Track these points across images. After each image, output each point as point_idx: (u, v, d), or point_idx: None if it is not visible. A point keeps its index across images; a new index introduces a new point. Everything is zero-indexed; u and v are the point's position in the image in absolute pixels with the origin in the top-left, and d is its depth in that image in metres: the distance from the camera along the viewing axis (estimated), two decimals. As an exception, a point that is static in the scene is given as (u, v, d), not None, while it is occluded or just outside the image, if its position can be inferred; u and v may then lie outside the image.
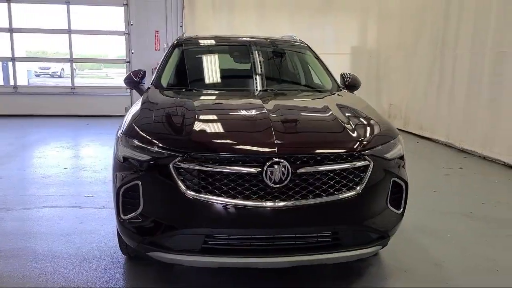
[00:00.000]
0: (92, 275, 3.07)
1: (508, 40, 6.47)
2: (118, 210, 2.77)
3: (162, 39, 11.23)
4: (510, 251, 3.64)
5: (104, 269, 3.17)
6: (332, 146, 2.65)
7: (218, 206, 2.51)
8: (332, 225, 2.65)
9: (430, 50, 8.60)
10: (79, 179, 5.59)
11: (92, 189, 5.15)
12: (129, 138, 2.75)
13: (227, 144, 2.59)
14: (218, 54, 4.26)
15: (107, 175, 5.78)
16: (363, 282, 3.05)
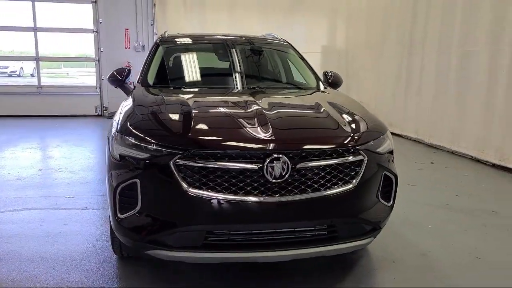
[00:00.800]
0: (87, 275, 3.03)
1: (473, 40, 6.77)
2: (115, 209, 2.73)
3: (132, 37, 11.08)
4: (487, 239, 3.84)
5: (97, 269, 3.13)
6: (329, 141, 2.72)
7: (219, 202, 2.53)
8: (329, 218, 2.72)
9: (398, 49, 8.87)
10: (56, 180, 5.45)
11: (71, 190, 5.04)
12: (126, 136, 2.73)
13: (228, 140, 2.62)
14: (204, 52, 4.27)
15: (85, 175, 5.68)
16: (355, 273, 3.14)
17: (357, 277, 3.08)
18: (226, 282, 3.01)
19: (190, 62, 4.18)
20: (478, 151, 6.71)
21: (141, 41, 11.11)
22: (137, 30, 11.07)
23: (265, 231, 2.65)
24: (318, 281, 3.01)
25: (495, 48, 6.32)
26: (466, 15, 6.92)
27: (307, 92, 3.92)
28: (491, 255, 3.51)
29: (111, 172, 2.83)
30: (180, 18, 10.29)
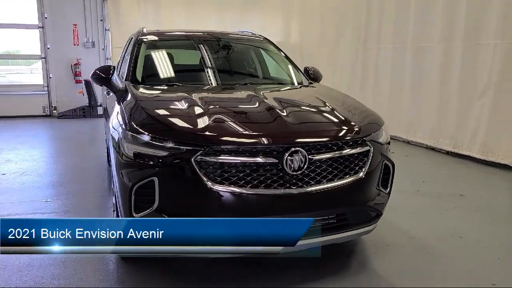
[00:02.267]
0: (96, 277, 2.97)
1: (427, 36, 7.22)
2: (130, 209, 2.71)
3: (81, 33, 10.63)
4: (463, 220, 4.16)
5: (105, 271, 3.07)
6: (341, 134, 2.86)
7: (241, 196, 2.60)
8: (342, 207, 2.87)
9: (353, 44, 9.21)
10: (25, 184, 5.18)
11: (44, 193, 4.82)
12: (141, 134, 2.70)
13: (248, 136, 2.67)
14: (191, 49, 4.25)
15: (54, 178, 5.46)
16: (358, 257, 3.32)
17: (360, 261, 3.25)
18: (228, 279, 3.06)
19: (180, 59, 4.15)
20: (433, 140, 7.19)
21: (91, 37, 10.71)
22: (86, 26, 10.64)
23: (283, 222, 2.74)
24: (328, 267, 3.14)
25: (448, 44, 6.78)
26: (419, 11, 7.34)
27: (299, 87, 4.04)
28: (470, 234, 3.82)
29: (122, 171, 2.79)
30: (133, 13, 10.01)
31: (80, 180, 5.45)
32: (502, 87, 5.97)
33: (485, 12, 6.14)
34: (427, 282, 2.97)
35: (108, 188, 5.15)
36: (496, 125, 6.11)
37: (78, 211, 4.32)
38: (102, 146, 7.56)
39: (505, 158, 5.99)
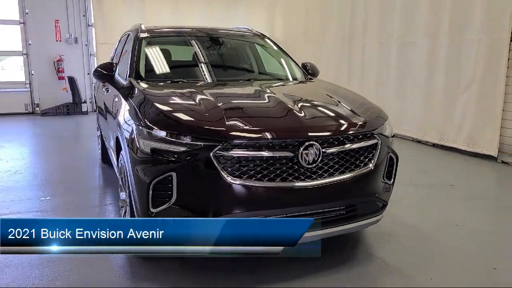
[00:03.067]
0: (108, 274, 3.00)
1: (413, 31, 7.40)
2: (147, 204, 2.75)
3: (63, 29, 10.47)
4: (457, 209, 4.33)
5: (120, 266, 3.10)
6: (352, 127, 2.95)
7: (258, 190, 2.67)
8: (352, 198, 2.97)
9: (338, 40, 9.34)
10: (20, 182, 5.12)
11: (42, 191, 4.79)
12: (158, 130, 2.73)
13: (265, 130, 2.73)
14: (191, 45, 4.25)
15: (48, 176, 5.43)
16: (363, 246, 3.43)
17: (366, 251, 3.36)
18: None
19: (181, 54, 4.16)
20: (420, 133, 7.40)
21: (74, 33, 10.56)
22: (68, 21, 10.50)
23: (298, 214, 2.82)
24: (335, 257, 3.24)
25: (433, 39, 6.97)
26: (404, 7, 7.52)
27: (302, 82, 4.12)
28: (466, 222, 3.99)
29: (138, 167, 2.82)
30: (118, 9, 9.90)
31: (75, 178, 5.42)
32: (486, 81, 6.19)
33: (470, 8, 6.34)
34: (432, 268, 3.09)
35: (103, 186, 5.15)
36: (480, 118, 6.34)
37: (79, 208, 4.31)
38: (91, 143, 7.52)
39: (489, 149, 6.22)
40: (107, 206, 4.46)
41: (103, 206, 4.48)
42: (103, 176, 5.48)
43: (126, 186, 3.19)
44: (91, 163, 6.08)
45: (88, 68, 10.82)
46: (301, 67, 4.54)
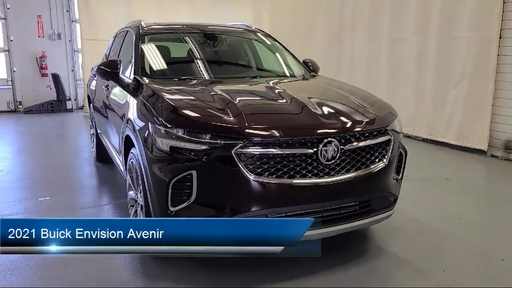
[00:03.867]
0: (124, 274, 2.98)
1: (402, 28, 7.51)
2: (166, 203, 2.74)
3: (46, 24, 10.23)
4: (457, 203, 4.44)
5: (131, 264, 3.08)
6: (368, 124, 2.99)
7: (279, 186, 2.69)
8: (368, 194, 3.02)
9: (327, 36, 9.39)
10: (15, 183, 5.02)
11: (40, 191, 4.71)
12: (177, 129, 2.72)
13: (285, 128, 2.75)
14: (195, 42, 4.21)
15: (43, 176, 5.31)
16: (374, 241, 3.49)
17: (377, 245, 3.42)
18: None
19: (185, 51, 4.12)
20: (410, 128, 7.52)
21: (57, 29, 10.32)
22: (51, 17, 10.25)
23: (317, 210, 2.85)
24: (349, 252, 3.29)
25: (423, 36, 7.10)
26: (394, 4, 7.62)
27: (307, 78, 4.14)
28: (467, 215, 4.10)
29: (155, 166, 2.80)
30: (104, 5, 9.71)
31: (70, 177, 5.35)
32: (476, 77, 6.34)
33: (459, 6, 6.47)
34: (443, 261, 3.17)
35: (98, 185, 5.07)
36: (470, 113, 6.49)
37: (82, 208, 4.25)
38: (81, 141, 7.42)
39: (479, 143, 6.38)
40: (104, 206, 4.39)
41: (103, 206, 4.41)
42: (99, 175, 5.40)
43: (138, 185, 3.16)
44: (83, 162, 5.99)
45: (72, 64, 10.60)
46: (303, 63, 4.56)
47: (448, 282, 2.88)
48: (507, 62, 6.00)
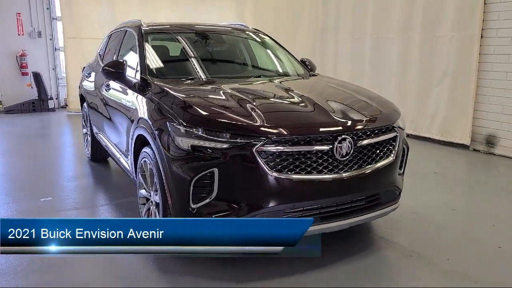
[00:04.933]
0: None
1: (386, 27, 7.75)
2: (188, 200, 2.82)
3: (26, 22, 10.01)
4: (449, 195, 4.67)
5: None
6: (378, 121, 3.14)
7: (297, 182, 2.81)
8: (377, 188, 3.18)
9: (311, 34, 9.55)
10: (14, 183, 4.97)
11: (40, 192, 4.67)
12: (198, 128, 2.80)
13: (303, 126, 2.88)
14: (197, 42, 4.29)
15: (41, 177, 5.26)
16: (378, 232, 3.65)
17: (382, 236, 3.58)
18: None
19: (188, 51, 4.17)
20: (394, 124, 7.77)
21: (37, 26, 10.12)
22: (31, 14, 10.04)
23: (331, 204, 2.98)
24: (355, 244, 3.44)
25: (407, 35, 7.34)
26: (378, 4, 7.84)
27: (308, 77, 4.27)
28: (461, 206, 4.34)
29: (176, 165, 2.87)
30: (87, 2, 9.57)
31: (67, 177, 5.32)
32: (458, 75, 6.62)
33: (442, 6, 6.74)
34: (445, 250, 3.37)
35: (97, 185, 5.07)
36: (453, 109, 6.78)
37: (88, 207, 4.27)
38: (70, 141, 7.38)
39: (462, 138, 6.68)
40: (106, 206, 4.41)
41: (110, 205, 4.43)
42: (96, 174, 5.39)
43: (152, 183, 3.23)
44: (76, 162, 5.96)
45: (54, 63, 10.43)
46: (301, 62, 4.69)
47: (454, 269, 3.07)
48: (488, 61, 6.31)
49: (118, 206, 4.26)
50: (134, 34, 4.30)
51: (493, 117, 6.33)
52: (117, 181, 5.15)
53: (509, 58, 6.06)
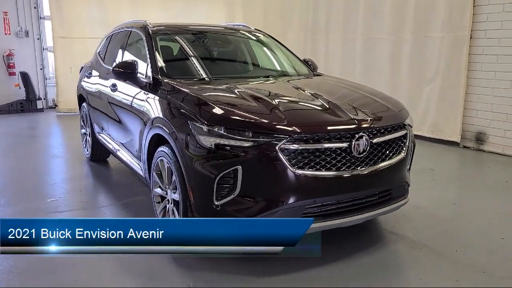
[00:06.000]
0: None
1: (377, 28, 7.93)
2: (211, 197, 2.89)
3: (13, 21, 9.86)
4: (447, 190, 4.87)
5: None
6: (391, 119, 3.28)
7: (317, 178, 2.92)
8: (390, 183, 3.31)
9: (301, 34, 9.68)
10: (20, 184, 4.94)
11: (45, 192, 4.69)
12: (222, 127, 2.88)
13: (322, 124, 2.99)
14: (204, 43, 4.35)
15: (43, 178, 5.24)
16: (386, 227, 3.79)
17: (391, 231, 3.72)
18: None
19: (196, 52, 4.23)
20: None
21: (24, 26, 9.98)
22: (18, 13, 9.89)
23: (348, 199, 3.10)
24: (368, 238, 3.57)
25: (398, 36, 7.53)
26: (368, 5, 8.02)
27: (316, 77, 4.38)
28: (460, 201, 4.52)
29: (197, 163, 2.94)
30: (76, 1, 9.48)
31: (70, 177, 5.32)
32: (449, 74, 6.84)
33: (433, 8, 6.95)
34: (452, 242, 3.53)
35: (93, 185, 5.07)
36: (443, 108, 7.00)
37: (96, 207, 4.29)
38: (64, 141, 7.34)
39: (452, 135, 6.90)
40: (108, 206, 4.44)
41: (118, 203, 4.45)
42: (97, 174, 5.40)
43: (169, 182, 3.31)
44: (76, 161, 5.93)
45: (41, 63, 10.29)
46: (305, 62, 4.80)
47: (463, 260, 3.22)
48: (477, 61, 6.54)
49: (124, 206, 4.29)
50: (141, 34, 4.32)
51: (482, 115, 6.57)
52: (120, 180, 5.17)
53: (497, 58, 6.30)
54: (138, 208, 4.20)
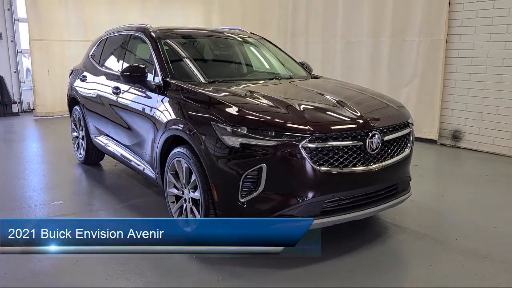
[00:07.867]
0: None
1: (356, 31, 8.25)
2: (236, 195, 3.03)
3: (-14, 24, 9.58)
4: (436, 185, 5.19)
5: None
6: (398, 118, 3.53)
7: (336, 174, 3.11)
8: (396, 178, 3.55)
9: (280, 37, 9.86)
10: (20, 189, 4.88)
11: (49, 195, 4.69)
12: (245, 127, 3.03)
13: (340, 124, 3.19)
14: (212, 46, 4.48)
15: (42, 182, 5.19)
16: (388, 220, 4.02)
17: (394, 223, 3.96)
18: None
19: (201, 55, 4.34)
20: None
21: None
22: (-9, 15, 9.62)
23: (361, 193, 3.31)
24: (373, 231, 3.80)
25: (376, 39, 7.88)
26: (347, 9, 8.33)
27: (316, 79, 4.59)
28: (449, 194, 4.84)
29: (221, 162, 3.08)
30: (53, 3, 9.30)
31: (68, 181, 5.28)
32: (426, 76, 7.23)
33: (410, 12, 7.33)
34: (451, 231, 3.81)
35: (90, 189, 5.08)
36: (421, 107, 7.37)
37: (105, 209, 4.33)
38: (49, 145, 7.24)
39: (430, 134, 7.30)
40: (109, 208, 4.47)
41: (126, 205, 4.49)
42: (92, 177, 5.39)
43: (187, 182, 3.44)
44: (69, 165, 5.89)
45: (16, 66, 10.03)
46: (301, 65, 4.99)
47: (464, 247, 3.50)
48: (453, 63, 6.96)
49: (130, 207, 4.34)
50: (145, 38, 4.39)
51: (458, 114, 6.99)
52: (118, 183, 5.18)
53: (471, 61, 6.73)
54: (145, 209, 4.26)
